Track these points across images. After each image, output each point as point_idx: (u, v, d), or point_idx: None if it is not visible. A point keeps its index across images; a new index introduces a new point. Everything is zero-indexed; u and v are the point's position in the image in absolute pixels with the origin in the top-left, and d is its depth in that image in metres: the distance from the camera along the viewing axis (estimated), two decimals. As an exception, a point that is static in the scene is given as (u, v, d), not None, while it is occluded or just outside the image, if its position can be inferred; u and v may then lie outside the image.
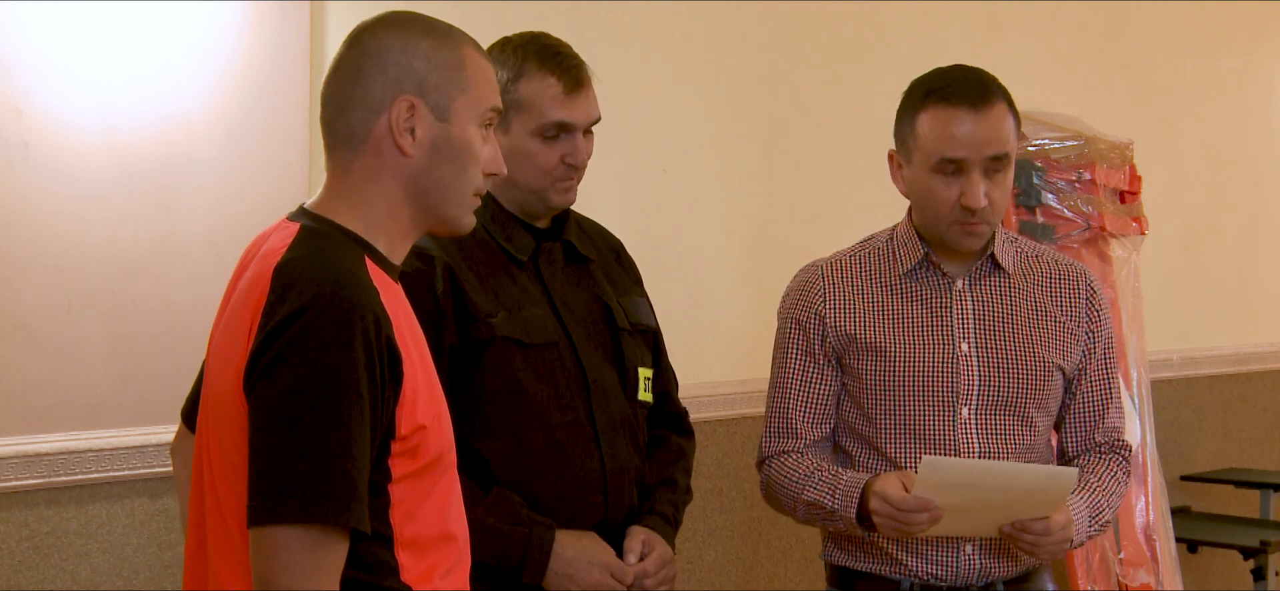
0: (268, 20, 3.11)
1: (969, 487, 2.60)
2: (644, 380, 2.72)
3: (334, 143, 1.97)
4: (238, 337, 1.86)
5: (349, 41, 1.99)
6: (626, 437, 2.66)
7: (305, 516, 1.77)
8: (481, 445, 2.54)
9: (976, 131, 2.63)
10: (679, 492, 2.76)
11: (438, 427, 1.93)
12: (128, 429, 2.98)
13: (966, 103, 2.64)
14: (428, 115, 1.95)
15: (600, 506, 2.61)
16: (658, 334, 2.83)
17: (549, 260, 2.65)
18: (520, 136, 2.57)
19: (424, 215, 1.99)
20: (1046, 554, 2.68)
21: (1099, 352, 2.83)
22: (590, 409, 2.60)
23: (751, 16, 4.05)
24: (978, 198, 2.64)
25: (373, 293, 1.85)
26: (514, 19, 3.33)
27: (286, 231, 1.93)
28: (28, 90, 2.85)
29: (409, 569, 1.89)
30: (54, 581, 2.94)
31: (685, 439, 2.85)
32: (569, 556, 2.54)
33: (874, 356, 2.76)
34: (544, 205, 2.62)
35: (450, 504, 1.97)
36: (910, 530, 2.61)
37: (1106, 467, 2.82)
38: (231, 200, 3.06)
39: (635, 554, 2.61)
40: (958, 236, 2.70)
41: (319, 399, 1.77)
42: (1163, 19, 5.32)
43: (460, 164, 1.98)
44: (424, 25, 1.99)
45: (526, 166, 2.58)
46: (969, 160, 2.64)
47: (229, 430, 1.86)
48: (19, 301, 2.87)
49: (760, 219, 4.13)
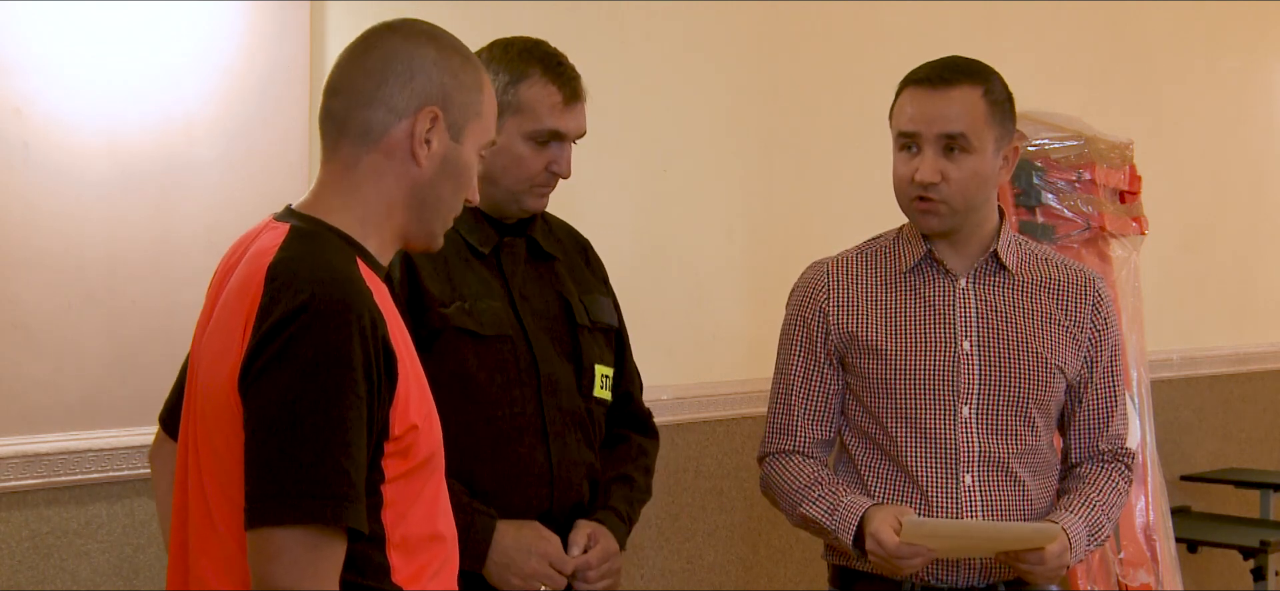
0: (268, 21, 3.11)
1: (955, 537, 2.67)
2: (601, 377, 2.73)
3: (340, 135, 1.96)
4: (230, 338, 1.86)
5: (374, 38, 1.98)
6: (577, 433, 2.67)
7: (305, 517, 1.76)
8: None
9: (928, 108, 2.67)
10: (636, 490, 2.78)
11: (428, 427, 1.93)
12: (128, 429, 2.98)
13: (926, 81, 2.69)
14: (444, 132, 1.96)
15: (545, 499, 2.62)
16: (622, 333, 2.84)
17: (511, 254, 2.67)
18: (512, 137, 2.60)
19: (413, 226, 1.99)
20: (1043, 579, 2.71)
21: (1104, 360, 2.83)
22: (540, 402, 2.62)
23: (752, 16, 4.05)
24: (925, 172, 2.67)
25: (367, 293, 1.85)
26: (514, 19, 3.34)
27: (276, 231, 1.92)
28: (28, 90, 2.85)
29: (400, 569, 1.89)
30: (54, 581, 2.94)
31: (647, 439, 2.86)
32: (508, 545, 2.55)
33: (875, 355, 2.76)
34: (518, 207, 2.65)
35: (439, 504, 1.97)
36: (903, 572, 2.65)
37: (1108, 479, 2.82)
38: (231, 201, 3.06)
39: (579, 546, 2.62)
40: (915, 214, 2.73)
41: (317, 399, 1.77)
42: (1163, 19, 5.32)
43: (459, 185, 2.00)
44: (453, 43, 2.00)
45: (512, 168, 2.61)
46: (922, 136, 2.67)
47: (221, 430, 1.85)
48: (19, 301, 2.87)
49: (760, 218, 4.13)
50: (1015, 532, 2.68)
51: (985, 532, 2.69)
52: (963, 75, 2.69)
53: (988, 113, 2.68)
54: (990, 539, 2.69)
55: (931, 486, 2.73)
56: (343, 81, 1.97)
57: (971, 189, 2.69)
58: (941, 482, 2.73)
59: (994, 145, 2.70)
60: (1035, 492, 2.78)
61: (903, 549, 2.61)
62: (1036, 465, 2.79)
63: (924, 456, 2.74)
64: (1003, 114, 2.71)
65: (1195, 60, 5.47)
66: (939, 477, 2.73)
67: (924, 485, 2.73)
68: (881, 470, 2.78)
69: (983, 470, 2.74)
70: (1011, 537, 2.67)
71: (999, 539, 2.68)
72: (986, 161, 2.69)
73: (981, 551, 2.71)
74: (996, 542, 2.68)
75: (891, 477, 2.77)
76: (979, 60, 2.75)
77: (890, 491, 2.76)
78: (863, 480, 2.79)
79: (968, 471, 2.73)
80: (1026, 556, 2.66)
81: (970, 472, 2.73)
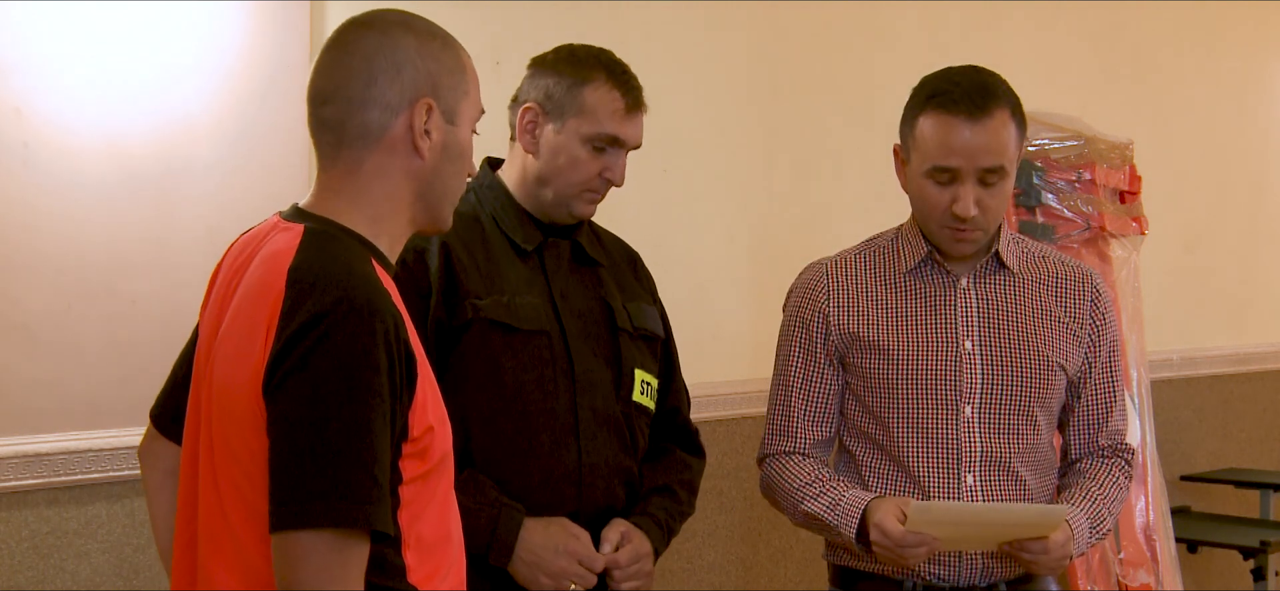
0: (268, 21, 3.11)
1: (961, 524, 2.65)
2: (641, 383, 2.71)
3: (338, 140, 1.95)
4: (249, 341, 1.85)
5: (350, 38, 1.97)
6: (612, 435, 2.65)
7: (333, 521, 1.76)
8: (458, 427, 2.54)
9: (972, 142, 2.63)
10: (677, 503, 2.74)
11: (443, 429, 1.94)
12: (128, 429, 2.98)
13: (964, 112, 2.63)
14: (439, 119, 1.96)
15: (572, 499, 2.60)
16: (670, 346, 2.83)
17: (554, 253, 2.66)
18: (571, 139, 2.60)
19: (422, 214, 2.00)
20: (1046, 569, 2.70)
21: (1103, 356, 2.83)
22: (574, 401, 2.60)
23: (752, 17, 4.05)
24: (967, 207, 2.64)
25: (387, 295, 1.85)
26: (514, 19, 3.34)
27: (289, 233, 1.92)
28: (28, 90, 2.85)
29: (415, 570, 1.89)
30: (54, 581, 2.94)
31: (693, 457, 2.84)
32: (536, 543, 2.53)
33: (877, 354, 2.76)
34: (566, 211, 2.64)
35: (450, 505, 1.98)
36: (908, 562, 2.63)
37: (1108, 474, 2.82)
38: (231, 201, 3.06)
39: (611, 544, 2.60)
40: (948, 241, 2.71)
41: (345, 402, 1.77)
42: (1163, 19, 5.32)
43: (461, 166, 2.00)
44: (428, 27, 2.00)
45: (568, 169, 2.61)
46: (962, 170, 2.64)
47: (241, 433, 1.84)
48: (19, 302, 2.87)
49: (761, 219, 4.13)
50: (1020, 515, 2.66)
51: (990, 517, 2.67)
52: (993, 99, 2.65)
53: (1016, 135, 2.68)
54: (995, 524, 2.67)
55: (933, 486, 2.73)
56: (329, 87, 1.96)
57: (1002, 213, 2.70)
58: (943, 482, 2.73)
59: (1016, 164, 2.70)
60: (1037, 491, 2.78)
61: (908, 537, 2.60)
62: (1038, 463, 2.79)
63: (925, 456, 2.74)
64: (1022, 128, 2.71)
65: (1195, 60, 5.47)
66: (940, 477, 2.73)
67: (925, 485, 2.73)
68: (882, 470, 2.77)
69: (984, 469, 2.74)
70: (1016, 521, 2.65)
71: (1004, 523, 2.66)
72: (1011, 181, 2.69)
73: (986, 540, 2.69)
74: (1001, 527, 2.66)
75: (892, 477, 2.76)
76: (993, 72, 2.72)
77: (891, 491, 2.76)
78: (864, 480, 2.79)
79: (969, 471, 2.73)
80: (1029, 546, 2.64)
81: (972, 472, 2.73)
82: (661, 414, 2.79)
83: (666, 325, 2.83)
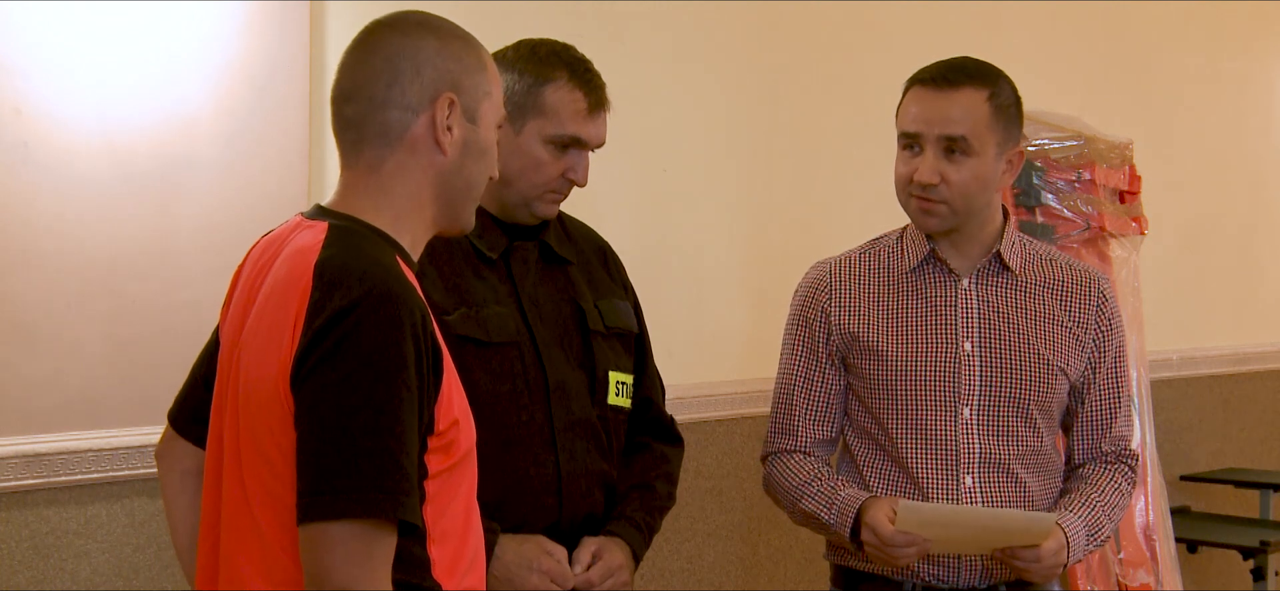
0: (268, 21, 3.11)
1: (950, 526, 2.66)
2: (616, 385, 2.67)
3: (360, 140, 1.96)
4: (277, 335, 1.85)
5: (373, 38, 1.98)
6: (589, 442, 2.61)
7: (362, 512, 1.76)
8: None
9: (931, 109, 2.67)
10: (655, 498, 2.72)
11: (467, 424, 1.94)
12: (128, 429, 2.98)
13: (931, 82, 2.69)
14: (461, 116, 1.97)
15: (553, 509, 2.57)
16: (643, 338, 2.78)
17: (521, 259, 2.62)
18: (532, 140, 2.56)
19: (444, 214, 2.01)
20: (1039, 578, 2.70)
21: (1109, 361, 2.83)
22: (549, 411, 2.57)
23: (752, 16, 4.05)
24: (924, 173, 2.67)
25: (413, 288, 1.86)
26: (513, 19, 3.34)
27: (314, 229, 1.93)
28: (28, 90, 2.85)
29: (438, 563, 1.89)
30: (54, 581, 2.94)
31: (670, 446, 2.80)
32: (508, 561, 2.50)
33: (877, 355, 2.76)
34: (528, 212, 2.60)
35: (472, 500, 1.98)
36: (898, 561, 2.63)
37: (1110, 480, 2.82)
38: (232, 200, 3.06)
39: (582, 563, 2.56)
40: (914, 212, 2.73)
41: (373, 393, 1.77)
42: (1163, 19, 5.32)
43: (484, 165, 2.02)
44: (450, 28, 2.01)
45: (529, 170, 2.56)
46: (923, 136, 2.68)
47: (268, 427, 1.85)
48: (19, 301, 2.87)
49: (760, 219, 4.13)
50: (1008, 521, 2.67)
51: (980, 520, 2.68)
52: (967, 77, 2.69)
53: (991, 116, 2.68)
54: (985, 528, 2.67)
55: (932, 487, 2.73)
56: (352, 86, 1.98)
57: (971, 192, 2.69)
58: (942, 483, 2.73)
59: (996, 149, 2.69)
60: (1037, 493, 2.78)
61: (897, 537, 2.61)
62: (1038, 466, 2.79)
63: (925, 457, 2.74)
64: (1007, 118, 2.70)
65: (1195, 60, 5.47)
66: (940, 478, 2.73)
67: (925, 486, 2.73)
68: (883, 470, 2.78)
69: (984, 471, 2.74)
70: (1006, 527, 2.66)
71: (993, 527, 2.67)
72: (987, 165, 2.68)
73: (976, 543, 2.70)
74: (991, 532, 2.67)
75: (893, 478, 2.77)
76: (988, 63, 2.74)
77: (892, 491, 2.76)
78: (864, 480, 2.79)
79: (968, 472, 2.73)
80: (1022, 554, 2.65)
81: (971, 474, 2.73)
82: (635, 406, 2.74)
83: (639, 315, 2.79)
